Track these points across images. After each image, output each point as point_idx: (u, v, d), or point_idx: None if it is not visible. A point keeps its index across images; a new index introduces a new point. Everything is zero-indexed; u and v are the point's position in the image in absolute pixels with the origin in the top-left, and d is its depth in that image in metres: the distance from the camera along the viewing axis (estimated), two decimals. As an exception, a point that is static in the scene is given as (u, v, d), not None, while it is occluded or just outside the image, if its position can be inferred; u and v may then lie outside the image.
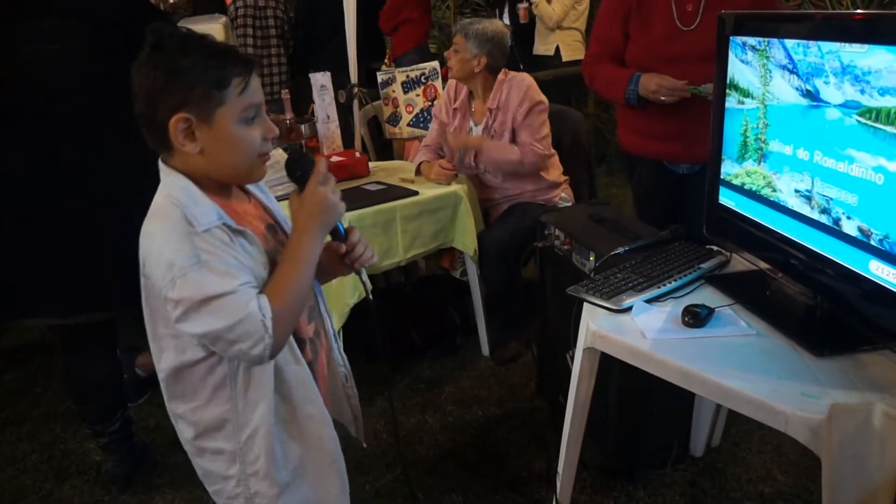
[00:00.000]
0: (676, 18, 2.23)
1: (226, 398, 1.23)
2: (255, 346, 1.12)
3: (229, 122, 1.16)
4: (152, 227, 1.16)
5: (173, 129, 1.14)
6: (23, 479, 2.42)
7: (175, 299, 1.11)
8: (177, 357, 1.22)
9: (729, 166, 1.76)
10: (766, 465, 2.27)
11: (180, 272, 1.10)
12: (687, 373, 1.40)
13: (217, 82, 1.13)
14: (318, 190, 1.23)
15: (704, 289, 1.72)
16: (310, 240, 1.22)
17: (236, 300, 1.11)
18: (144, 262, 1.17)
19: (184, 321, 1.12)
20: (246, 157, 1.20)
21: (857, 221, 1.35)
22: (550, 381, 2.58)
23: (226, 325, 1.10)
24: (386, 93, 3.67)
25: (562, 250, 2.35)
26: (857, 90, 1.31)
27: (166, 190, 1.18)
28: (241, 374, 1.22)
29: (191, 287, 1.10)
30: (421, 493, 2.24)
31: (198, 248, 1.11)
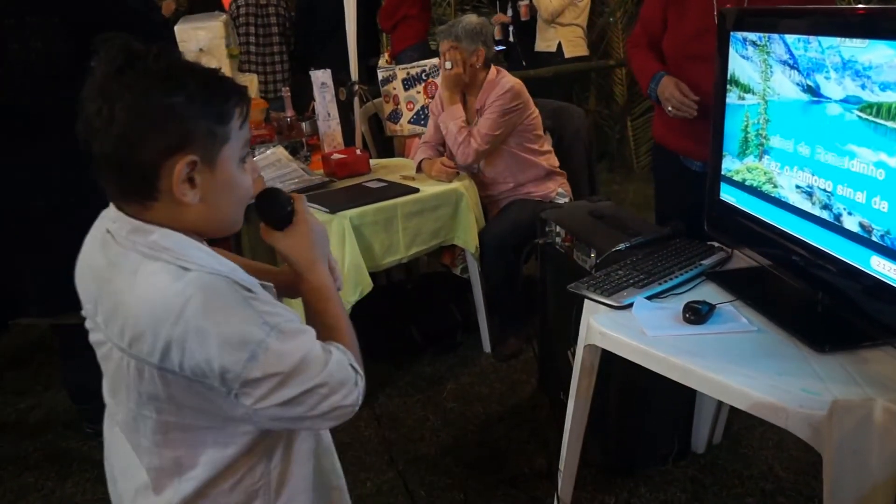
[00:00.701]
0: (715, 15, 2.10)
1: (260, 473, 1.03)
2: (350, 394, 0.98)
3: (231, 161, 0.97)
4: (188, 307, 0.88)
5: (178, 175, 0.91)
6: (25, 477, 2.43)
7: (259, 378, 0.91)
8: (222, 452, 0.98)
9: (730, 162, 1.75)
10: (767, 461, 2.27)
11: (260, 346, 0.90)
12: (688, 369, 1.40)
13: (220, 116, 0.94)
14: (312, 221, 1.12)
15: (705, 285, 1.72)
16: (324, 270, 1.11)
17: (318, 353, 0.96)
18: (170, 353, 0.89)
19: (270, 395, 0.92)
20: (241, 203, 1.02)
21: (858, 217, 1.34)
22: (551, 377, 2.58)
23: (320, 380, 0.95)
24: (387, 90, 3.67)
25: (563, 247, 2.34)
26: (857, 85, 1.31)
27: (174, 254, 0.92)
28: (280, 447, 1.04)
29: (276, 359, 0.91)
30: (422, 490, 2.24)
31: (262, 312, 0.92)
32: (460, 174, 2.90)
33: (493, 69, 2.96)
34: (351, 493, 1.39)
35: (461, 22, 2.90)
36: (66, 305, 2.07)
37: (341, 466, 1.23)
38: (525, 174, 3.00)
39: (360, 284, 2.47)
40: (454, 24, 2.90)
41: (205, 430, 0.97)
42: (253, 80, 4.03)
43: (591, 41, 5.49)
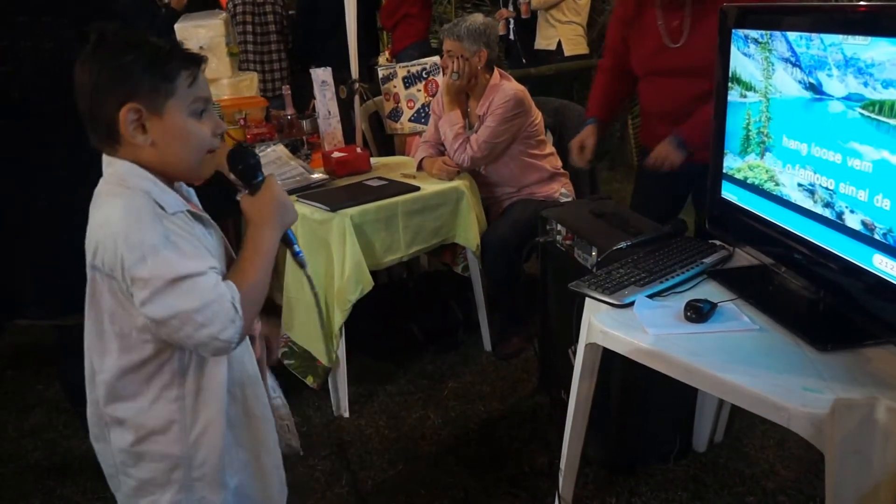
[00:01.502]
0: (664, 35, 2.26)
1: (173, 397, 1.17)
2: (224, 330, 1.09)
3: (180, 114, 1.15)
4: (111, 212, 1.10)
5: (123, 119, 1.11)
6: (25, 476, 2.42)
7: (145, 277, 1.06)
8: (122, 357, 1.15)
9: (731, 160, 1.75)
10: (768, 460, 2.26)
11: (151, 250, 1.06)
12: (689, 368, 1.39)
13: (164, 75, 1.13)
14: (275, 190, 1.25)
15: (707, 284, 1.71)
16: (270, 233, 1.22)
17: (206, 281, 1.09)
18: (96, 252, 1.10)
19: (150, 302, 1.07)
20: (196, 150, 1.18)
21: (860, 215, 1.34)
22: (552, 376, 2.57)
23: (196, 306, 1.07)
24: (387, 88, 3.66)
25: (564, 245, 2.34)
26: (860, 83, 1.30)
27: (121, 179, 1.14)
28: (191, 370, 1.18)
29: (162, 264, 1.06)
30: (422, 489, 2.23)
31: (167, 228, 1.10)
32: (460, 173, 2.89)
33: (496, 73, 2.95)
34: (353, 491, 1.39)
35: (465, 21, 2.88)
36: (66, 307, 2.07)
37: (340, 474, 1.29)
38: (529, 177, 2.99)
39: (360, 283, 2.47)
40: (458, 23, 2.89)
41: (113, 337, 1.15)
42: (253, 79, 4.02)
43: (592, 39, 5.48)
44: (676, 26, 2.23)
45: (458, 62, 2.86)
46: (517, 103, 2.85)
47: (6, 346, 3.28)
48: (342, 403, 2.62)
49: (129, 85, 1.11)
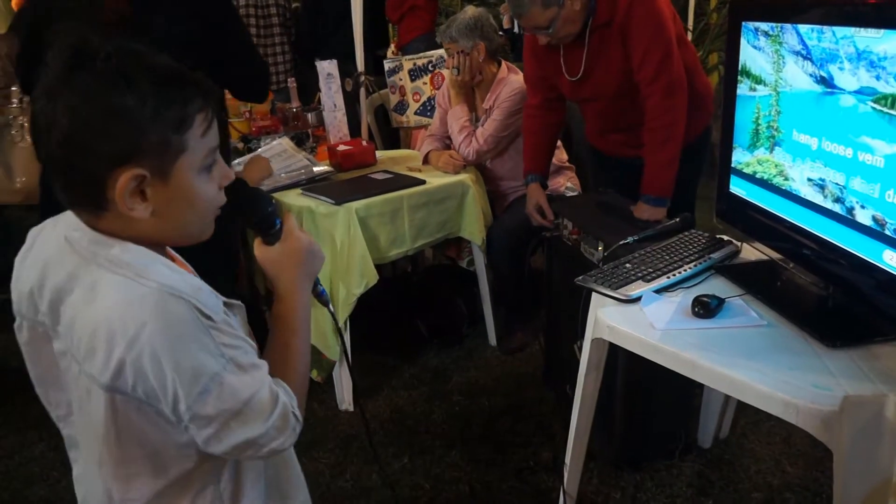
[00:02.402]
0: (564, 69, 2.35)
1: (209, 500, 1.00)
2: (287, 440, 0.96)
3: (189, 174, 0.89)
4: (144, 329, 0.83)
5: (121, 189, 0.84)
6: (30, 467, 2.43)
7: (210, 415, 0.88)
8: (157, 480, 0.95)
9: (740, 154, 1.73)
10: (774, 456, 2.25)
11: (214, 380, 0.87)
12: (696, 364, 1.38)
13: (177, 123, 0.86)
14: (300, 239, 1.08)
15: (714, 279, 1.70)
16: (302, 298, 1.07)
17: (264, 397, 0.92)
18: (123, 373, 0.85)
19: (216, 440, 0.90)
20: (205, 215, 0.96)
21: (871, 211, 1.32)
22: (558, 371, 2.57)
23: (262, 432, 0.92)
24: (393, 81, 3.65)
25: (570, 240, 2.33)
26: (872, 76, 1.28)
27: (134, 269, 0.87)
28: (227, 469, 1.00)
29: (228, 395, 0.88)
30: (427, 483, 2.23)
31: (220, 344, 0.88)
32: (467, 166, 2.88)
33: (503, 66, 2.95)
34: (356, 485, 1.38)
35: (456, 20, 2.89)
36: None
37: (345, 467, 1.24)
38: None
39: (365, 276, 2.46)
40: (450, 24, 2.89)
41: (142, 459, 0.94)
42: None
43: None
44: (576, 61, 2.30)
45: (457, 58, 2.86)
46: (523, 97, 2.84)
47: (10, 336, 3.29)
48: (346, 397, 2.62)
49: (129, 138, 0.84)
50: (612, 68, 2.24)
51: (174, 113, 0.86)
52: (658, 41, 2.16)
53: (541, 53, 2.41)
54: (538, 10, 2.15)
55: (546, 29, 2.17)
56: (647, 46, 2.15)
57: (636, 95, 2.23)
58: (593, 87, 2.32)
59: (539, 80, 2.51)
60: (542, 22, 2.16)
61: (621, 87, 2.25)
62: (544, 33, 2.20)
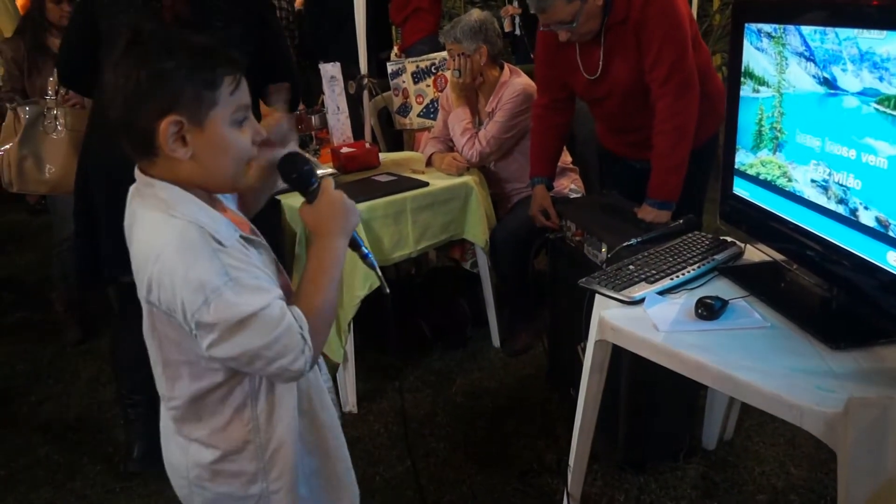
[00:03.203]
0: (581, 68, 2.33)
1: (247, 419, 1.16)
2: (295, 361, 1.07)
3: (222, 124, 1.07)
4: (162, 245, 1.03)
5: (164, 133, 1.03)
6: (35, 470, 2.43)
7: (210, 322, 1.02)
8: (192, 384, 1.13)
9: (743, 156, 1.73)
10: (779, 458, 2.25)
11: (214, 293, 1.01)
12: (700, 366, 1.38)
13: (208, 82, 1.05)
14: (333, 194, 1.19)
15: (718, 280, 1.70)
16: (333, 243, 1.17)
17: (272, 315, 1.05)
18: (150, 288, 1.04)
19: (218, 345, 1.04)
20: (237, 162, 1.12)
21: (874, 212, 1.32)
22: (561, 372, 2.57)
23: (265, 343, 1.04)
24: (396, 83, 3.65)
25: (573, 241, 2.33)
26: (875, 77, 1.28)
27: (166, 204, 1.07)
28: (262, 392, 1.16)
29: (227, 307, 1.02)
30: (430, 484, 2.23)
31: (226, 264, 1.03)
32: (470, 168, 2.88)
33: (506, 69, 2.95)
34: (361, 487, 1.39)
35: (461, 21, 2.89)
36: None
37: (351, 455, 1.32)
38: None
39: (369, 279, 2.46)
40: (455, 24, 2.90)
41: (182, 364, 1.12)
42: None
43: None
44: (593, 59, 2.29)
45: (459, 60, 2.86)
46: (526, 98, 2.84)
47: (18, 340, 3.30)
48: (350, 399, 2.62)
49: (169, 94, 1.03)
50: (627, 67, 2.22)
51: (205, 74, 1.05)
52: (672, 40, 2.14)
53: (555, 52, 2.39)
54: (562, 4, 2.13)
55: (570, 23, 2.14)
56: (660, 45, 2.13)
57: (649, 95, 2.22)
58: (609, 85, 2.30)
59: (551, 79, 2.49)
60: (566, 16, 2.14)
61: (635, 85, 2.24)
62: (567, 28, 2.16)
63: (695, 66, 2.18)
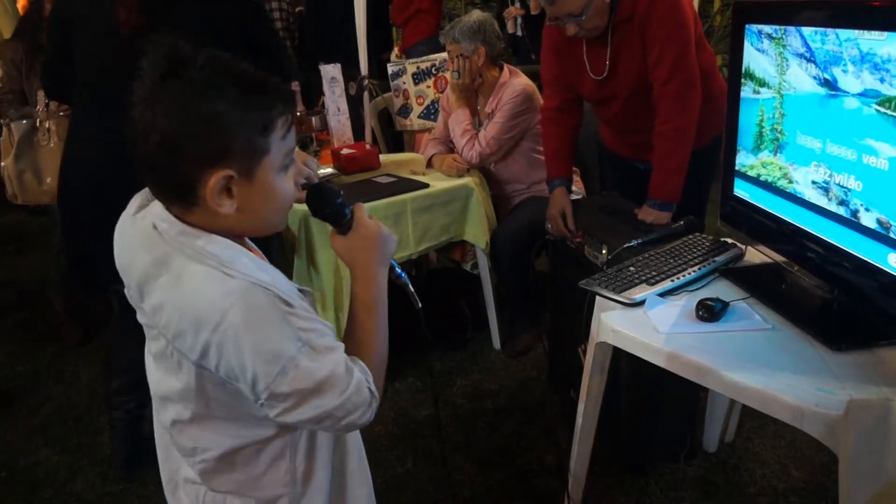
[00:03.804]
0: (588, 68, 2.32)
1: (284, 470, 1.08)
2: (364, 414, 1.02)
3: (271, 172, 0.97)
4: (228, 314, 0.91)
5: (212, 189, 0.92)
6: (35, 471, 2.44)
7: (286, 393, 0.94)
8: (235, 440, 1.04)
9: (744, 157, 1.73)
10: (780, 460, 2.24)
11: (291, 362, 0.93)
12: (701, 368, 1.38)
13: (262, 127, 0.94)
14: (369, 226, 1.12)
15: (719, 282, 1.70)
16: (377, 280, 1.12)
17: (342, 373, 0.99)
18: (208, 353, 0.93)
19: (290, 412, 0.96)
20: (283, 210, 1.03)
21: (875, 213, 1.32)
22: (562, 374, 2.56)
23: (338, 403, 0.98)
24: (396, 84, 3.65)
25: (574, 243, 2.33)
26: (876, 79, 1.28)
27: (219, 260, 0.94)
28: (302, 441, 1.09)
29: (305, 376, 0.94)
30: (430, 486, 2.23)
31: (297, 328, 0.94)
32: (470, 170, 2.88)
33: (506, 70, 2.95)
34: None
35: (460, 22, 2.89)
36: None
37: None
38: (539, 174, 2.98)
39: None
40: (454, 25, 2.91)
41: (224, 421, 1.02)
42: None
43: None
44: (600, 59, 2.27)
45: (458, 61, 2.86)
46: (525, 98, 2.84)
47: (18, 341, 3.30)
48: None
49: (220, 141, 0.91)
50: (633, 66, 2.21)
51: (259, 117, 0.93)
52: (675, 39, 2.13)
53: (562, 54, 2.38)
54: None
55: (579, 16, 2.12)
56: (664, 43, 2.12)
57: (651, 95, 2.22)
58: (616, 86, 2.29)
59: (558, 80, 2.47)
60: (575, 9, 2.12)
61: (641, 85, 2.22)
62: (576, 21, 2.14)
63: (697, 66, 2.18)
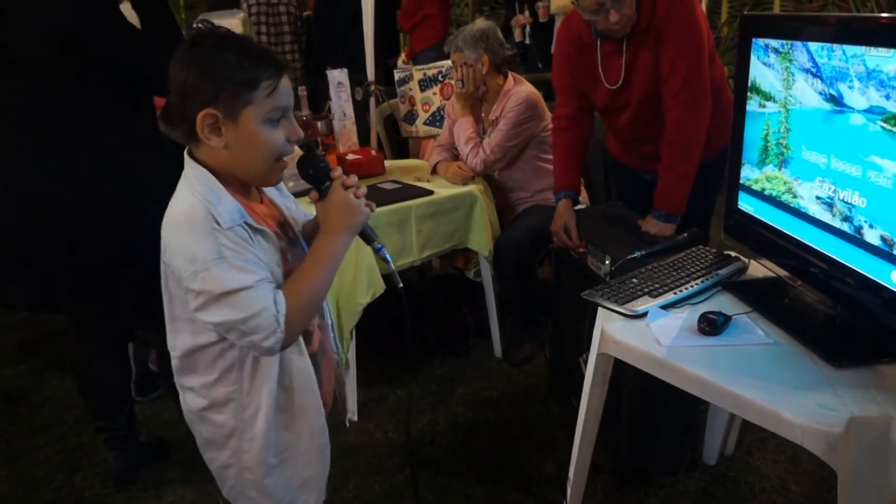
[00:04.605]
0: (602, 77, 2.32)
1: (233, 380, 1.30)
2: (265, 339, 1.19)
3: (254, 121, 1.20)
4: (177, 219, 1.21)
5: (200, 123, 1.18)
6: (35, 470, 2.44)
7: (196, 290, 1.17)
8: (192, 339, 1.28)
9: (749, 171, 1.73)
10: (780, 474, 2.23)
11: (202, 266, 1.16)
12: (702, 381, 1.37)
13: (247, 82, 1.18)
14: (340, 193, 1.28)
15: (721, 295, 1.70)
16: (333, 241, 1.27)
17: (253, 295, 1.17)
18: (165, 250, 1.23)
19: (202, 311, 1.19)
20: (265, 156, 1.24)
21: (879, 230, 1.32)
22: (563, 384, 2.56)
23: (240, 318, 1.17)
24: (403, 90, 3.66)
25: (577, 253, 2.33)
26: (881, 95, 1.28)
27: (192, 183, 1.22)
28: (248, 360, 1.29)
29: (211, 281, 1.16)
30: (430, 494, 2.23)
31: (220, 243, 1.17)
32: (475, 177, 2.89)
33: (510, 78, 2.96)
34: (359, 496, 1.41)
35: (464, 30, 2.91)
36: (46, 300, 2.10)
37: (348, 478, 1.34)
38: (543, 182, 2.99)
39: (372, 286, 2.46)
40: (458, 33, 2.92)
41: (184, 320, 1.27)
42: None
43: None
44: (615, 68, 2.27)
45: (461, 70, 2.87)
46: (529, 106, 2.85)
47: (20, 340, 3.31)
48: (351, 407, 2.62)
49: (211, 89, 1.17)
50: (648, 76, 2.21)
51: (246, 74, 1.17)
52: (690, 50, 2.13)
53: (575, 61, 2.37)
54: None
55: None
56: (677, 54, 2.13)
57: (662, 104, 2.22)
58: (630, 95, 2.29)
59: (570, 88, 2.46)
60: None
61: (655, 95, 2.22)
62: (617, 8, 2.09)
63: (709, 79, 2.18)
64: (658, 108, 2.22)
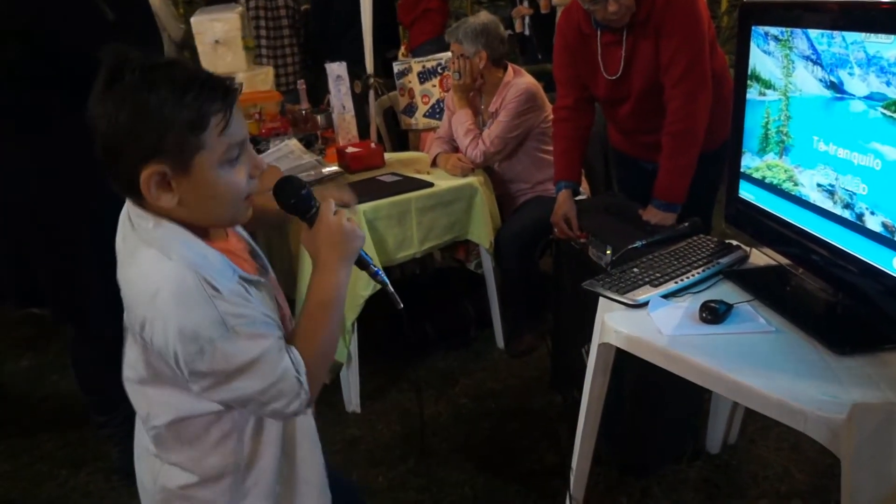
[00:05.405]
0: (602, 68, 2.31)
1: (231, 449, 1.11)
2: (289, 405, 1.05)
3: (209, 168, 0.99)
4: (156, 292, 0.97)
5: (145, 183, 0.96)
6: (39, 466, 2.45)
7: (203, 371, 0.99)
8: (181, 409, 1.07)
9: (749, 159, 1.72)
10: (783, 462, 2.24)
11: (208, 343, 0.97)
12: (704, 370, 1.37)
13: (194, 123, 0.95)
14: (331, 220, 1.12)
15: (723, 284, 1.69)
16: (334, 277, 1.11)
17: (268, 360, 1.02)
18: (143, 326, 0.99)
19: (211, 391, 1.02)
20: (230, 203, 1.04)
21: (881, 217, 1.31)
22: (565, 374, 2.56)
23: (260, 388, 1.02)
24: (402, 83, 3.65)
25: (578, 243, 2.32)
26: (882, 82, 1.27)
27: (162, 245, 1.00)
28: (250, 423, 1.12)
29: (222, 359, 0.98)
30: (432, 486, 2.23)
31: (222, 312, 0.98)
32: (475, 169, 2.88)
33: (510, 70, 2.95)
34: (362, 488, 1.38)
35: (465, 23, 2.90)
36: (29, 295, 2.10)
37: (350, 469, 1.27)
38: (543, 173, 2.98)
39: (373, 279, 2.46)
40: (459, 25, 2.91)
41: (169, 388, 1.06)
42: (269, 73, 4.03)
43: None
44: (615, 59, 2.27)
45: (459, 62, 2.87)
46: (529, 98, 2.84)
47: (23, 336, 3.31)
48: (353, 399, 2.62)
49: (150, 138, 0.95)
50: (647, 67, 2.21)
51: (189, 115, 0.95)
52: (690, 41, 2.13)
53: (576, 52, 2.37)
54: None
55: None
56: (678, 45, 2.12)
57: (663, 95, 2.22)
58: (630, 86, 2.29)
59: (571, 79, 2.45)
60: None
61: (655, 85, 2.22)
62: None
63: (709, 69, 2.18)
64: (658, 99, 2.22)
